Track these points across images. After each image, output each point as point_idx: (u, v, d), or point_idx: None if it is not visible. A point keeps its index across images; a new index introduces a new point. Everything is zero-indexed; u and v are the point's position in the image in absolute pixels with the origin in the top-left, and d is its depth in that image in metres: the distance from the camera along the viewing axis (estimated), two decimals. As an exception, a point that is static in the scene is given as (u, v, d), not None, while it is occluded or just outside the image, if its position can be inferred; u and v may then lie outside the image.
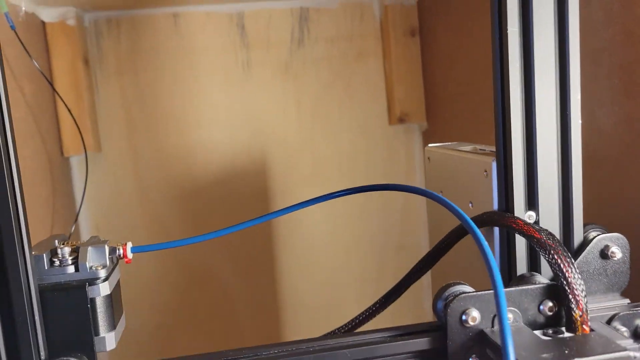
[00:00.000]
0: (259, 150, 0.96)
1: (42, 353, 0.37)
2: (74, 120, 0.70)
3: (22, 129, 0.72)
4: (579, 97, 0.39)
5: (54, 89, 0.66)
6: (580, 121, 0.39)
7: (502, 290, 0.27)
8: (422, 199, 1.02)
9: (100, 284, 0.39)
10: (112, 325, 0.40)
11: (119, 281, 0.43)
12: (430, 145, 0.55)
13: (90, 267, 0.39)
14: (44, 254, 0.39)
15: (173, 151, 0.94)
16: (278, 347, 0.36)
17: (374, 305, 0.47)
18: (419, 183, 1.00)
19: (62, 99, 0.68)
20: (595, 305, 0.39)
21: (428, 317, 1.03)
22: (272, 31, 0.94)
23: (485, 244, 0.32)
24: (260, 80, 0.95)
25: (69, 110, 0.69)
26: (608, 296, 0.40)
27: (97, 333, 0.39)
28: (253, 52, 0.94)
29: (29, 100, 0.75)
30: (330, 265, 0.99)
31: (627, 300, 0.40)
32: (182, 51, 0.92)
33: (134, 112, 0.92)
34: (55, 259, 0.39)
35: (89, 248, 0.40)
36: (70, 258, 0.39)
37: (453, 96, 0.87)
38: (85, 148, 0.81)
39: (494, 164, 0.42)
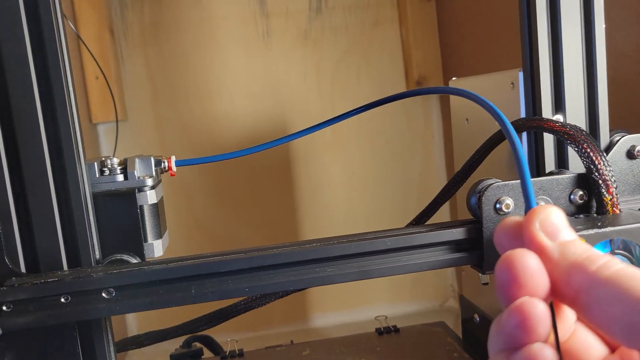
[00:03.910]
0: (280, 118, 0.98)
1: (97, 252, 0.39)
2: (108, 86, 0.72)
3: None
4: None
5: (90, 54, 0.69)
6: (603, 25, 0.41)
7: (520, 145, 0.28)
8: (441, 166, 1.03)
9: (148, 192, 0.41)
10: (159, 234, 0.42)
11: (162, 198, 0.45)
12: (453, 78, 0.57)
13: (138, 177, 0.42)
14: (95, 163, 0.41)
15: (196, 120, 0.96)
16: (320, 241, 0.38)
17: (409, 224, 0.48)
18: (437, 147, 1.02)
19: (97, 63, 0.71)
20: (623, 205, 0.40)
21: (453, 297, 1.04)
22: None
23: (507, 121, 0.33)
24: (280, 49, 0.97)
25: (104, 76, 0.72)
26: (636, 197, 0.41)
27: (145, 239, 0.41)
28: (272, 20, 0.96)
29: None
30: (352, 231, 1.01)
31: (655, 199, 0.41)
32: (203, 22, 0.95)
33: (158, 82, 0.94)
34: (105, 169, 0.41)
35: (137, 159, 0.42)
36: (119, 168, 0.41)
37: (470, 57, 0.89)
38: (117, 115, 0.83)
39: (521, 74, 0.43)
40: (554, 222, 0.23)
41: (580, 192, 0.38)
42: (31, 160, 0.36)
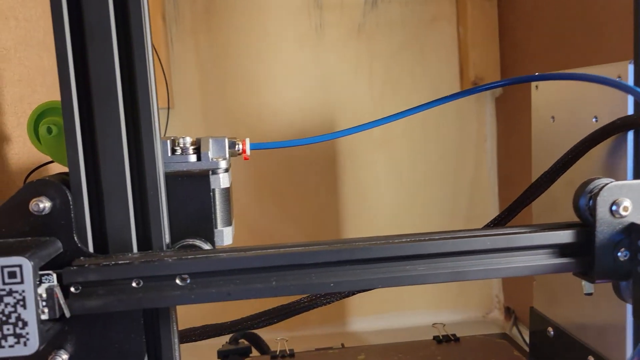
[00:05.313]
0: (328, 112, 0.95)
1: (167, 236, 0.36)
2: (163, 73, 0.70)
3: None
4: None
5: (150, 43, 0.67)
6: None
7: None
8: (492, 170, 0.99)
9: (221, 175, 0.39)
10: (229, 221, 0.40)
11: (231, 183, 0.43)
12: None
13: (212, 158, 0.39)
14: (168, 141, 0.38)
15: (243, 111, 0.93)
16: (412, 236, 0.35)
17: (497, 218, 0.45)
18: (489, 151, 0.97)
19: (155, 50, 0.69)
20: None
21: (496, 310, 1.00)
22: (346, -8, 0.93)
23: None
24: (332, 42, 0.94)
25: (161, 64, 0.70)
26: None
27: (215, 226, 0.39)
28: (326, 13, 0.93)
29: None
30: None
31: None
32: (255, 11, 0.92)
33: (206, 70, 0.92)
34: (177, 148, 0.38)
35: (210, 139, 0.39)
36: (192, 147, 0.39)
37: (533, 58, 0.85)
38: (169, 103, 0.81)
39: (631, 66, 0.39)
40: None
41: None
42: (107, 132, 0.34)
